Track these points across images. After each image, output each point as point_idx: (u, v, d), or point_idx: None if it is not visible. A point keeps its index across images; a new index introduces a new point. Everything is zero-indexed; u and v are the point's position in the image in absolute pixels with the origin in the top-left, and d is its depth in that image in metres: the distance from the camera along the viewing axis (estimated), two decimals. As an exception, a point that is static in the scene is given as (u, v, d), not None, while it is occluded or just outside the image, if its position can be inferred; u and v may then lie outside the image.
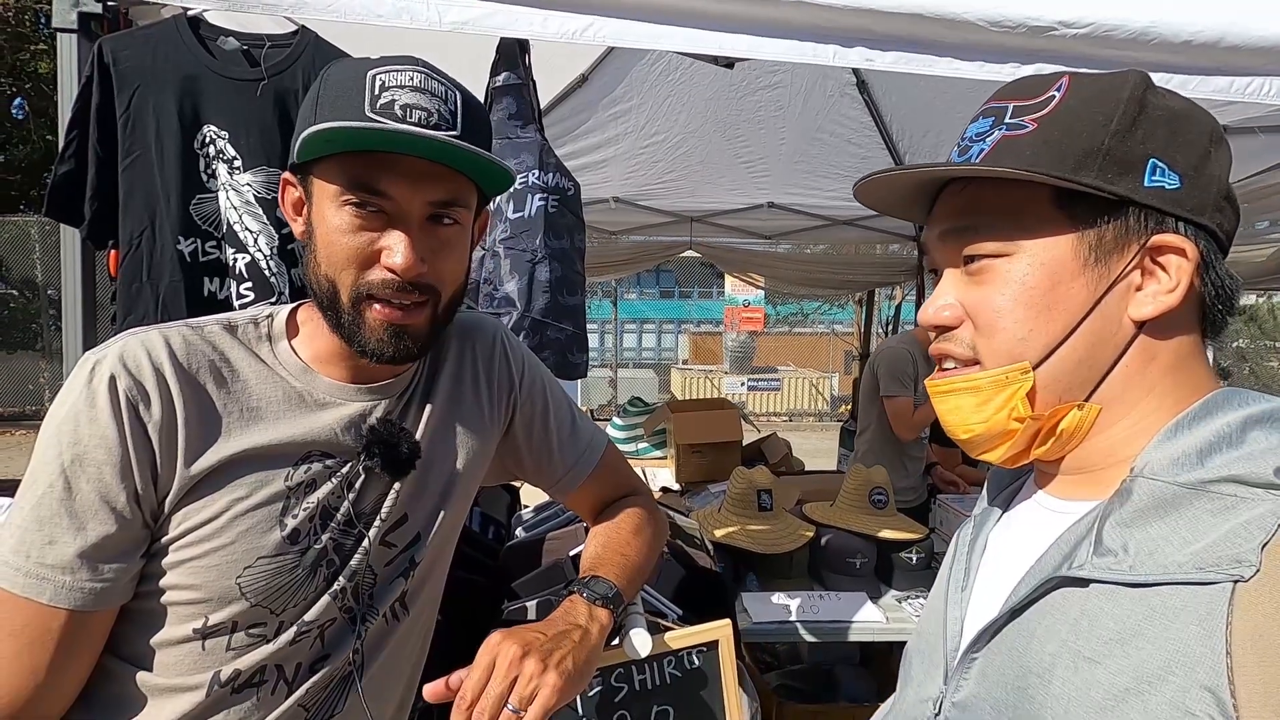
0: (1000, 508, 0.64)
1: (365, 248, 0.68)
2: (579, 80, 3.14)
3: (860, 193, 0.61)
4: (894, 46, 1.28)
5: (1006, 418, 0.54)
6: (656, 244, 4.77)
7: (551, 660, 0.69)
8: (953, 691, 0.56)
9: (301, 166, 0.71)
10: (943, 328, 0.58)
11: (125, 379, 0.65)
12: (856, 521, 2.20)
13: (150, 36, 1.28)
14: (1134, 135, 0.51)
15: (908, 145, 3.67)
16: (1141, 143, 0.51)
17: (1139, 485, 0.49)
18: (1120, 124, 0.51)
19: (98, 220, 1.27)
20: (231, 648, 0.70)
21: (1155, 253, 0.51)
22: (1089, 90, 0.53)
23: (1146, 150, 0.51)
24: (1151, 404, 0.53)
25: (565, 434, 0.93)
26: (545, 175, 1.59)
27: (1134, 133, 0.51)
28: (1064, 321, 0.52)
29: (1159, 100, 0.52)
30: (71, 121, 1.25)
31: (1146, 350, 0.52)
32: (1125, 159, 0.51)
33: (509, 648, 0.68)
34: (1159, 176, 0.51)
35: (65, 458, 0.64)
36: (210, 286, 1.29)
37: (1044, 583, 0.50)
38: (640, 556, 0.89)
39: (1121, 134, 0.51)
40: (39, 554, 0.63)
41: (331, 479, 0.73)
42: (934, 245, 0.60)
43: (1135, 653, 0.44)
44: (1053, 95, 0.54)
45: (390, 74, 0.68)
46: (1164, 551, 0.45)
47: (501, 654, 0.68)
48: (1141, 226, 0.51)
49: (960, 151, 0.57)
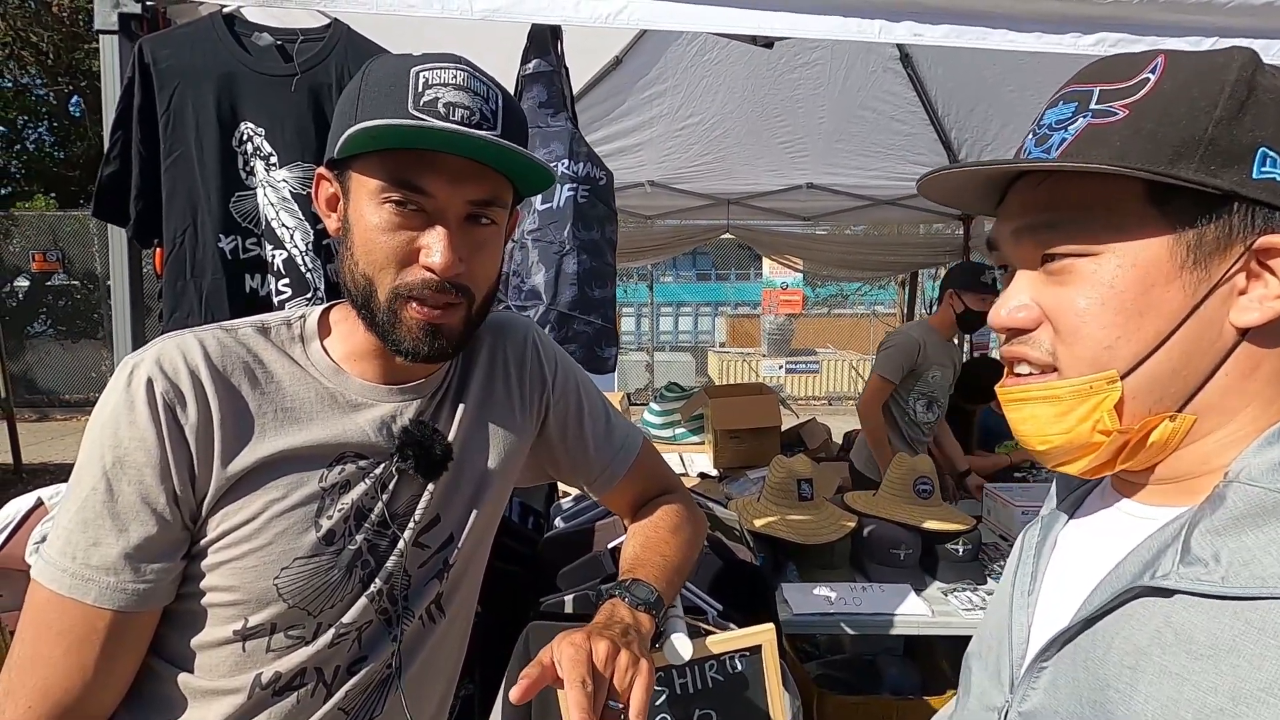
0: (1070, 510, 0.61)
1: (404, 246, 0.68)
2: (613, 63, 3.11)
3: (925, 187, 0.57)
4: (945, 19, 1.22)
5: (1090, 430, 0.50)
6: (693, 227, 4.72)
7: (637, 650, 0.69)
8: (1019, 701, 0.53)
9: (339, 162, 0.70)
10: (1017, 330, 0.54)
11: (162, 382, 0.66)
12: (900, 511, 2.15)
13: (188, 35, 1.29)
14: (1241, 122, 0.46)
15: (954, 120, 3.54)
16: (1251, 129, 0.46)
17: (1234, 491, 0.45)
18: (1226, 109, 0.46)
19: (143, 219, 1.29)
20: (271, 649, 0.71)
21: (1263, 255, 0.47)
22: (1189, 71, 0.48)
23: (1256, 138, 0.46)
24: (1253, 412, 0.48)
25: (600, 433, 0.92)
26: (575, 165, 1.56)
27: (1241, 119, 0.46)
28: (1156, 328, 0.48)
29: (1270, 81, 0.47)
30: (115, 122, 1.27)
31: (1250, 358, 0.48)
32: (1231, 148, 0.46)
33: (599, 643, 0.67)
34: (1270, 167, 0.46)
35: (107, 460, 0.65)
36: (252, 283, 1.30)
37: (1122, 592, 0.47)
38: (679, 556, 0.88)
39: (1227, 120, 0.46)
40: (84, 555, 0.64)
41: (365, 480, 0.73)
42: (1006, 242, 0.55)
43: (1231, 670, 0.41)
44: (1146, 77, 0.48)
45: (434, 71, 0.67)
46: (1261, 562, 0.42)
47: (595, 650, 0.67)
48: (1247, 224, 0.46)
49: (1038, 141, 0.52)
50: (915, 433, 2.90)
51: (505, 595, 1.34)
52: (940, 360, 2.85)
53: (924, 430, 2.92)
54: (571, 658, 0.65)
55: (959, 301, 2.80)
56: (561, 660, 0.65)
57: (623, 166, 3.67)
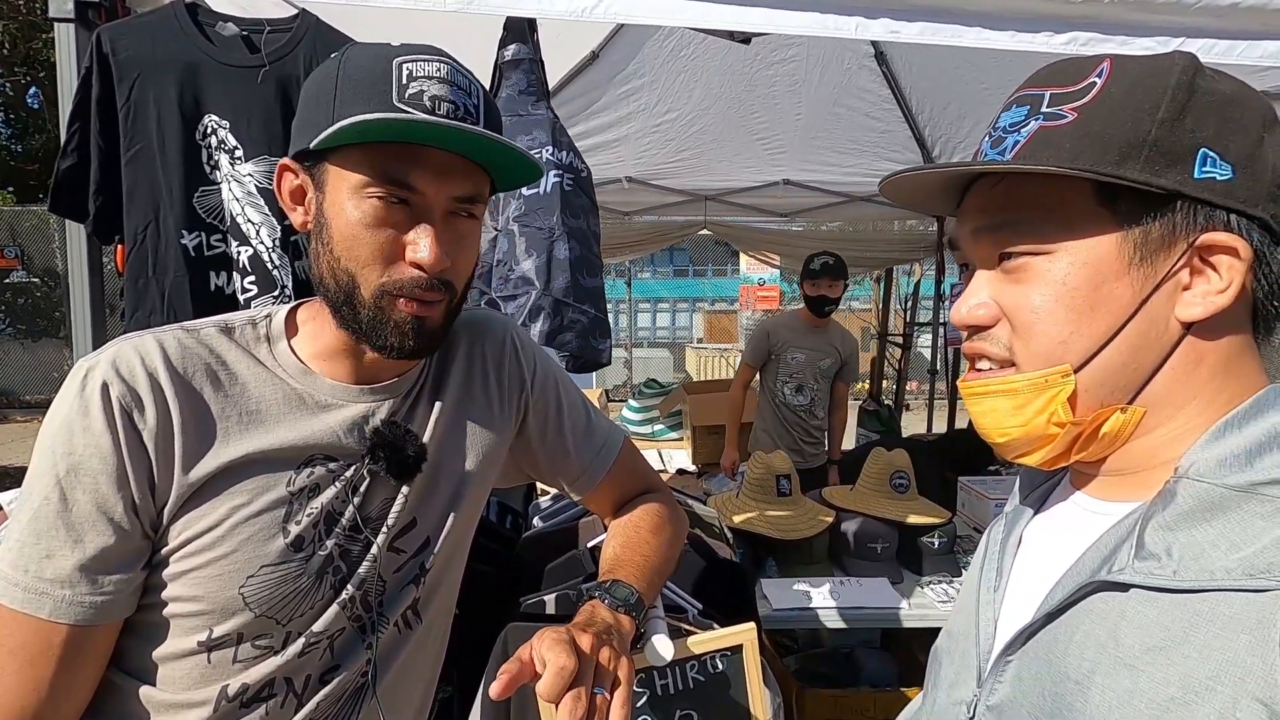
0: (1033, 506, 0.62)
1: (390, 242, 0.66)
2: (589, 58, 3.08)
3: (887, 189, 0.59)
4: (921, 17, 1.22)
5: (1046, 422, 0.52)
6: (670, 224, 4.71)
7: (617, 648, 0.68)
8: (987, 695, 0.55)
9: (310, 154, 0.67)
10: (977, 327, 0.56)
11: (118, 386, 0.63)
12: (877, 506, 2.17)
13: (149, 25, 1.25)
14: (1183, 124, 0.48)
15: (928, 118, 3.57)
16: (1191, 131, 0.48)
17: (1183, 487, 0.47)
18: (1168, 112, 0.48)
19: (103, 215, 1.25)
20: (238, 660, 0.69)
21: (1205, 252, 0.48)
22: (1133, 75, 0.49)
23: (1197, 139, 0.48)
24: (1199, 405, 0.50)
25: (580, 433, 0.91)
26: (560, 153, 1.52)
27: (1183, 121, 0.48)
28: (1107, 323, 0.50)
29: (1209, 84, 0.49)
30: (72, 114, 1.22)
31: (1194, 351, 0.50)
32: (1173, 150, 0.48)
33: (581, 635, 0.66)
34: (1210, 167, 0.47)
35: (60, 469, 0.62)
36: (217, 281, 1.26)
37: (1081, 587, 0.49)
38: (660, 556, 0.87)
39: (1169, 123, 0.48)
40: (37, 568, 0.62)
41: (335, 483, 0.71)
42: (966, 241, 0.57)
43: (1181, 661, 0.43)
44: (1093, 81, 0.50)
45: (417, 64, 0.65)
46: (1210, 556, 0.44)
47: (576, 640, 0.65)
48: (1190, 222, 0.48)
49: (993, 143, 0.54)
50: (787, 414, 3.12)
51: (483, 596, 1.33)
52: (802, 344, 3.08)
53: (798, 413, 3.11)
54: (552, 645, 0.62)
55: (804, 289, 3.10)
56: (543, 649, 0.62)
57: (600, 162, 3.64)
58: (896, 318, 5.89)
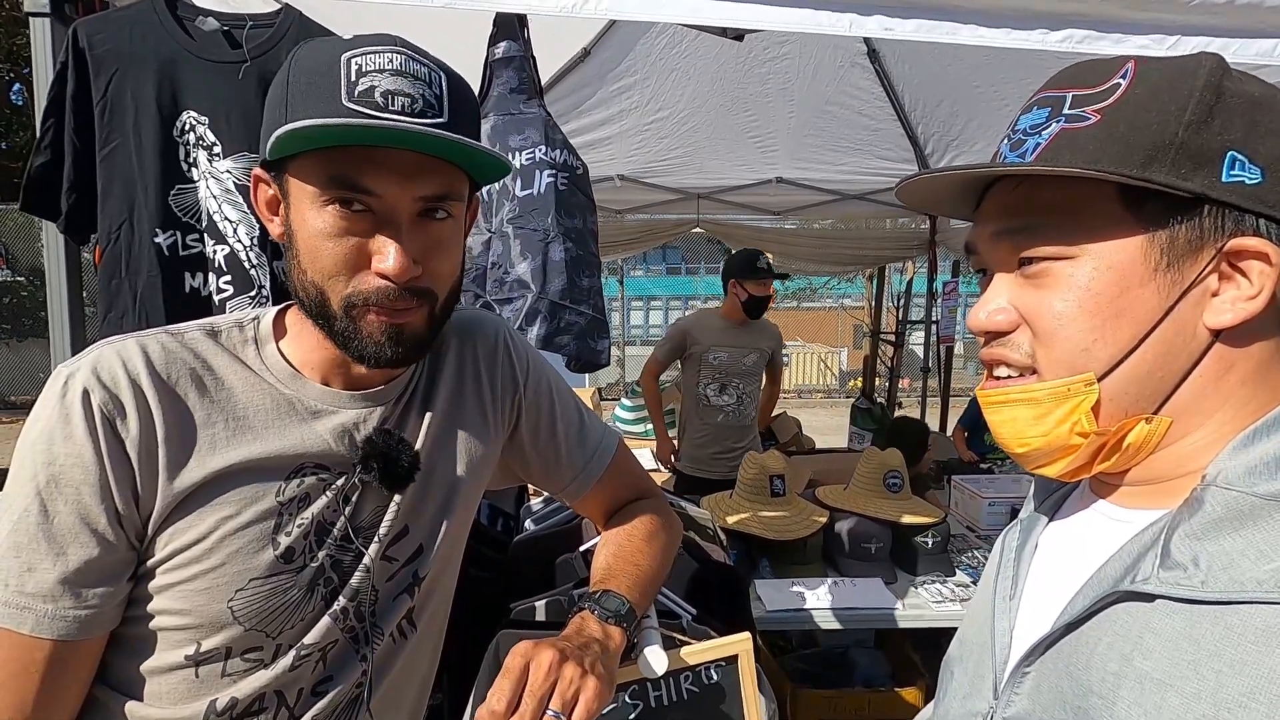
0: (1049, 512, 0.61)
1: (354, 253, 0.63)
2: (581, 55, 3.05)
3: (902, 193, 0.57)
4: (915, 14, 1.20)
5: (1068, 432, 0.50)
6: (663, 222, 4.69)
7: (588, 664, 0.66)
8: (1004, 706, 0.53)
9: (275, 163, 0.65)
10: (996, 333, 0.54)
11: (100, 393, 0.61)
12: (871, 505, 2.16)
13: (127, 19, 1.21)
14: (1210, 126, 0.46)
15: (920, 116, 3.56)
16: (1219, 134, 0.46)
17: (1211, 495, 0.45)
18: (1195, 114, 0.46)
19: (77, 213, 1.21)
20: (227, 674, 0.66)
21: (1234, 257, 0.47)
22: (1158, 76, 0.48)
23: (1225, 141, 0.46)
24: (1228, 413, 0.49)
25: (573, 437, 0.88)
26: (553, 151, 1.49)
27: (1210, 123, 0.46)
28: (1132, 330, 0.48)
29: (1237, 86, 0.47)
30: (47, 110, 1.19)
31: (1223, 360, 0.48)
32: (1201, 152, 0.46)
33: (544, 652, 0.64)
34: (1238, 170, 0.46)
35: (40, 479, 0.59)
36: (192, 282, 1.23)
37: (1103, 596, 0.47)
38: (653, 565, 0.85)
39: (1196, 125, 0.46)
40: (18, 582, 0.59)
41: (326, 492, 0.69)
42: (984, 245, 0.55)
43: (1213, 676, 0.41)
44: (1117, 83, 0.49)
45: (367, 56, 0.61)
46: (1240, 566, 0.42)
47: (538, 658, 0.64)
48: (1218, 227, 0.47)
49: (1013, 146, 0.52)
50: (711, 415, 3.02)
51: (475, 601, 1.31)
52: (724, 343, 2.99)
53: (727, 414, 3.03)
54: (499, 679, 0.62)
55: (742, 290, 2.97)
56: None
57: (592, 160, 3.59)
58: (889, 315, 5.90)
